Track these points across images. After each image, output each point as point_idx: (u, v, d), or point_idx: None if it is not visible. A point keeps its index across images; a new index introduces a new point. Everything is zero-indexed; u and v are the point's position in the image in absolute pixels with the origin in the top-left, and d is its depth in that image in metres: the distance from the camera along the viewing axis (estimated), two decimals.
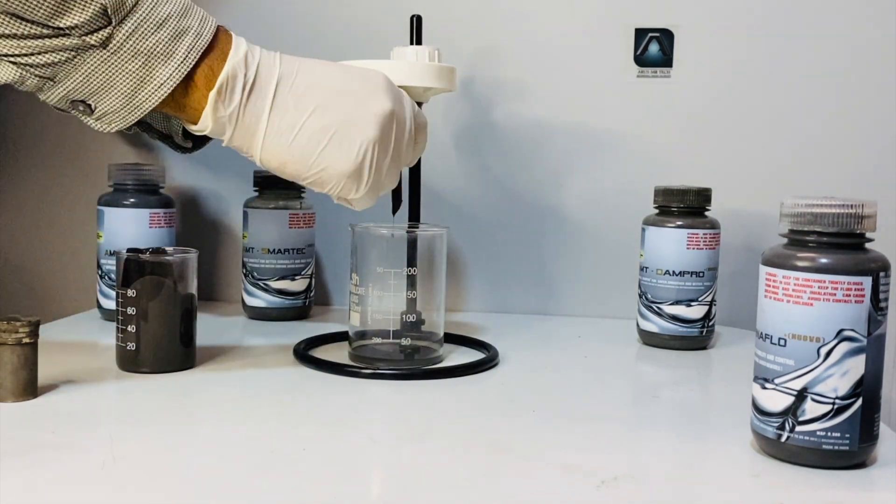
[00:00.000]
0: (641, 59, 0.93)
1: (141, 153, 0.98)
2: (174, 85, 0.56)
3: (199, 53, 0.57)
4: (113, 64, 0.55)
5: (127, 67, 0.55)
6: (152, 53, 0.55)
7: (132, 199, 0.85)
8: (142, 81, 0.56)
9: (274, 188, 0.88)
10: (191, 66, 0.56)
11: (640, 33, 0.93)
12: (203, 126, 0.59)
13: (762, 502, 0.46)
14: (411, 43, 0.74)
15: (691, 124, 0.93)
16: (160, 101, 0.56)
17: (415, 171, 0.78)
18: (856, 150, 0.90)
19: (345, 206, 0.66)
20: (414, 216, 0.77)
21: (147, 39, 0.55)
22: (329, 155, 0.60)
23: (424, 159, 0.79)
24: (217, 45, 0.58)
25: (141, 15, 0.55)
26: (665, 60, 0.92)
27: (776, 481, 0.48)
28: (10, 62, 0.54)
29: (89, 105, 0.56)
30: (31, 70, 0.54)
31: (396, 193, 0.73)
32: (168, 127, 0.74)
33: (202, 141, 0.76)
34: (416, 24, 0.74)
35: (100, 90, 0.56)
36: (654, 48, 0.92)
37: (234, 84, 0.58)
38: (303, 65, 0.61)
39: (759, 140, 0.92)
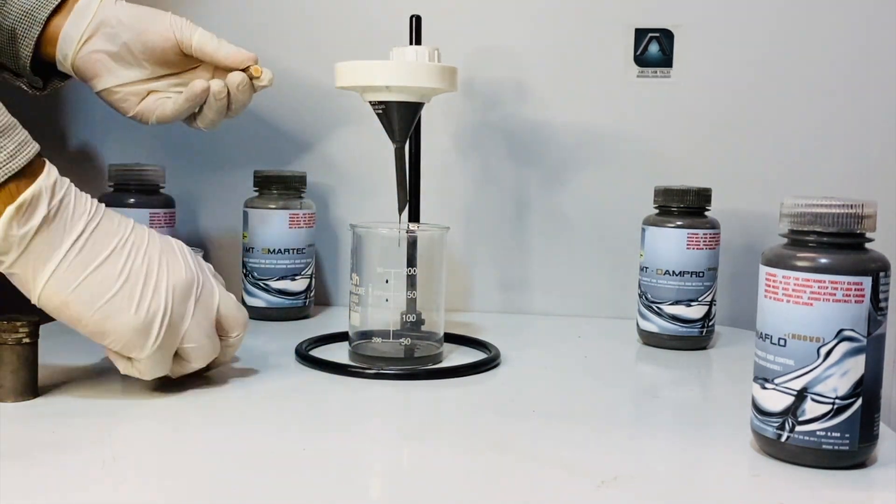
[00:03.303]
0: (641, 59, 0.93)
1: (142, 154, 0.98)
2: None
3: (8, 175, 0.53)
4: None
5: None
6: None
7: (132, 199, 0.85)
8: None
9: (274, 188, 0.88)
10: None
11: (640, 33, 0.93)
12: None
13: (762, 502, 0.46)
14: (411, 43, 0.74)
15: (691, 124, 0.93)
16: None
17: (415, 171, 0.78)
18: (856, 150, 0.90)
19: (133, 376, 0.59)
20: (414, 216, 0.77)
21: None
22: (116, 304, 0.56)
23: (425, 159, 0.79)
24: (30, 168, 0.55)
25: None
26: (665, 60, 0.92)
27: (776, 481, 0.48)
28: None
29: None
30: None
31: (403, 191, 0.72)
32: (18, 65, 0.72)
33: (49, 80, 0.75)
34: (416, 24, 0.74)
35: None
36: (654, 48, 0.92)
37: (37, 206, 0.54)
38: (109, 213, 0.58)
39: (759, 140, 0.92)
